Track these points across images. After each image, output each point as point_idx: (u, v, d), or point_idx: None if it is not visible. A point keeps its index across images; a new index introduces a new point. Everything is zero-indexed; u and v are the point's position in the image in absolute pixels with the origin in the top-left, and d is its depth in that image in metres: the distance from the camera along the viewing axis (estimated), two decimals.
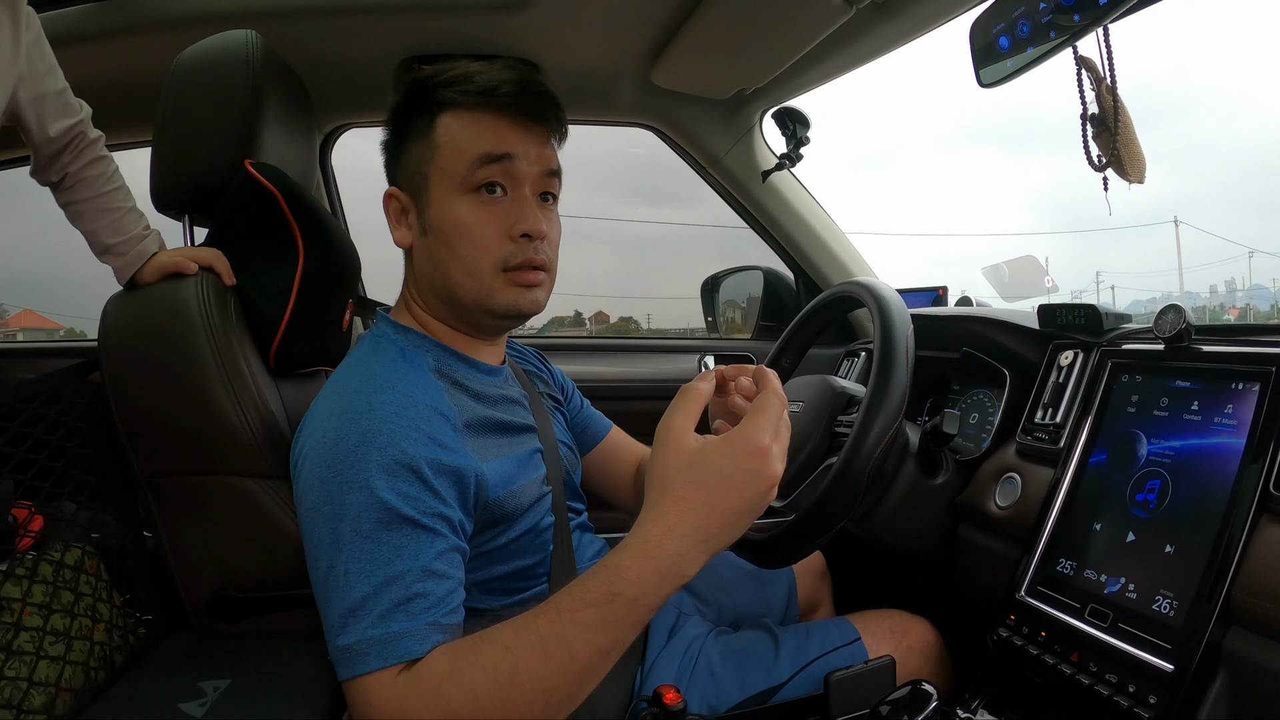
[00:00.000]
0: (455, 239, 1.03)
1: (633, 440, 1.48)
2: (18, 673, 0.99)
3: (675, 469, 0.80)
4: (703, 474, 0.79)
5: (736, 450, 0.79)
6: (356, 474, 0.87)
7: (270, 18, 1.59)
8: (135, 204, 1.22)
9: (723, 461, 0.79)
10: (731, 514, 0.79)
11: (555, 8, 1.58)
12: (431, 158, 1.04)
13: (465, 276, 1.04)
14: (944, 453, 1.40)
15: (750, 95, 1.96)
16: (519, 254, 1.03)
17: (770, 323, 2.43)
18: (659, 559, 0.78)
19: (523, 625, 0.80)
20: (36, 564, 1.08)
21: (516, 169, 1.03)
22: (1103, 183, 1.14)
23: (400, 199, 1.08)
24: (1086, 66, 1.12)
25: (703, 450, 0.80)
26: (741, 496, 0.79)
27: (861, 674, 0.98)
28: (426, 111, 1.05)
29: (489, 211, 1.03)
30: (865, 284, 1.39)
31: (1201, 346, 1.10)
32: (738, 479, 0.79)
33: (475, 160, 1.02)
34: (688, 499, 0.78)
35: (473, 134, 1.03)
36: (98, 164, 1.20)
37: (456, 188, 1.03)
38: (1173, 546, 1.00)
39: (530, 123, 1.05)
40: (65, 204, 1.20)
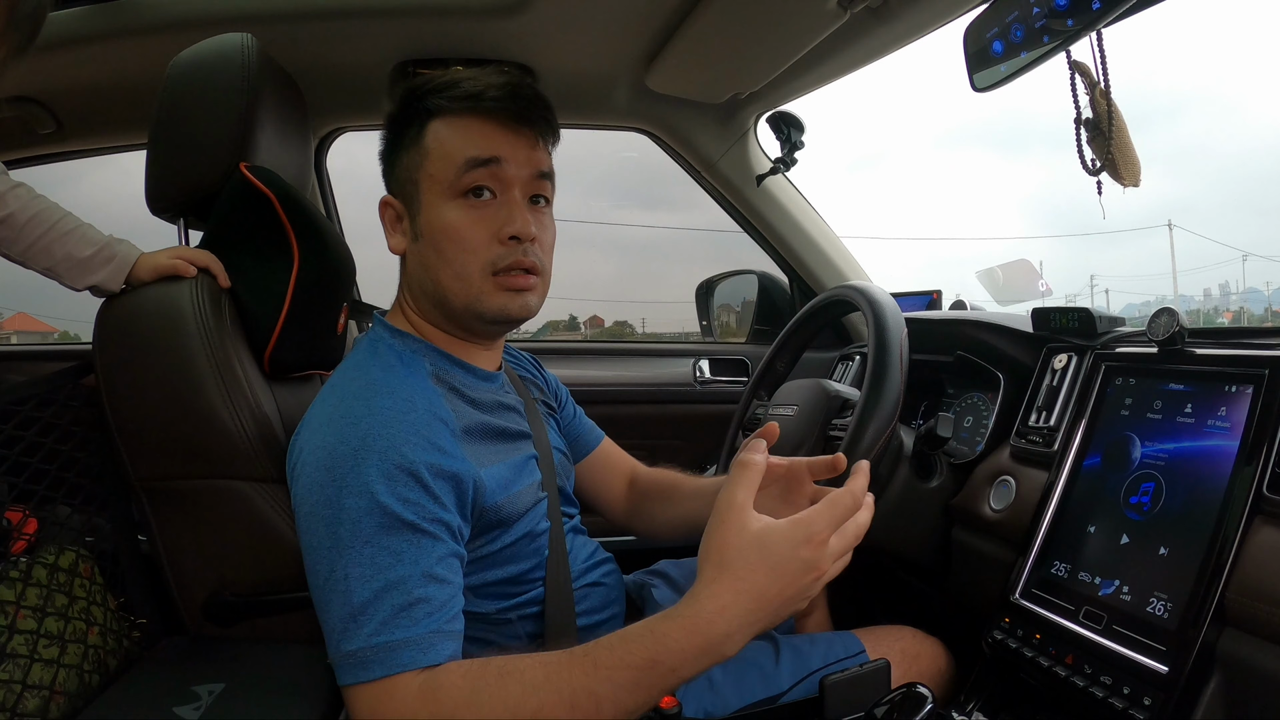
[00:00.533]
0: (444, 243, 1.03)
1: (623, 452, 1.49)
2: (11, 675, 0.98)
3: (735, 548, 0.80)
4: (762, 557, 0.79)
5: (797, 537, 0.79)
6: (356, 478, 0.87)
7: (266, 21, 1.59)
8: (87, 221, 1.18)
9: (782, 546, 0.79)
10: (780, 599, 0.79)
11: (550, 12, 1.59)
12: (421, 164, 1.04)
13: (454, 280, 1.04)
14: (938, 456, 1.41)
15: (745, 99, 1.96)
16: (507, 256, 1.03)
17: (765, 327, 2.44)
18: (707, 636, 0.78)
19: (555, 670, 0.80)
20: (30, 567, 1.08)
21: (504, 172, 1.03)
22: (1097, 186, 1.14)
23: (394, 206, 1.09)
24: (1080, 71, 1.12)
25: (764, 533, 0.80)
26: (792, 584, 0.79)
27: (857, 677, 0.98)
28: (417, 119, 1.05)
29: (477, 215, 1.03)
30: (859, 288, 1.39)
31: (1195, 349, 1.11)
32: (792, 566, 0.79)
33: (462, 164, 1.01)
34: (745, 581, 0.79)
35: (460, 139, 1.03)
36: (36, 199, 1.15)
37: (445, 193, 1.03)
38: (1167, 549, 1.01)
39: (519, 126, 1.05)
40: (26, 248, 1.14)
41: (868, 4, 1.39)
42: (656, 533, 1.38)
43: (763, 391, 1.63)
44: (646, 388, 2.26)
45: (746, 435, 1.60)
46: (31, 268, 1.16)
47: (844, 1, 1.38)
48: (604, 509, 1.44)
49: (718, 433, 1.74)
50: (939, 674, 1.28)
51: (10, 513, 1.12)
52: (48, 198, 1.16)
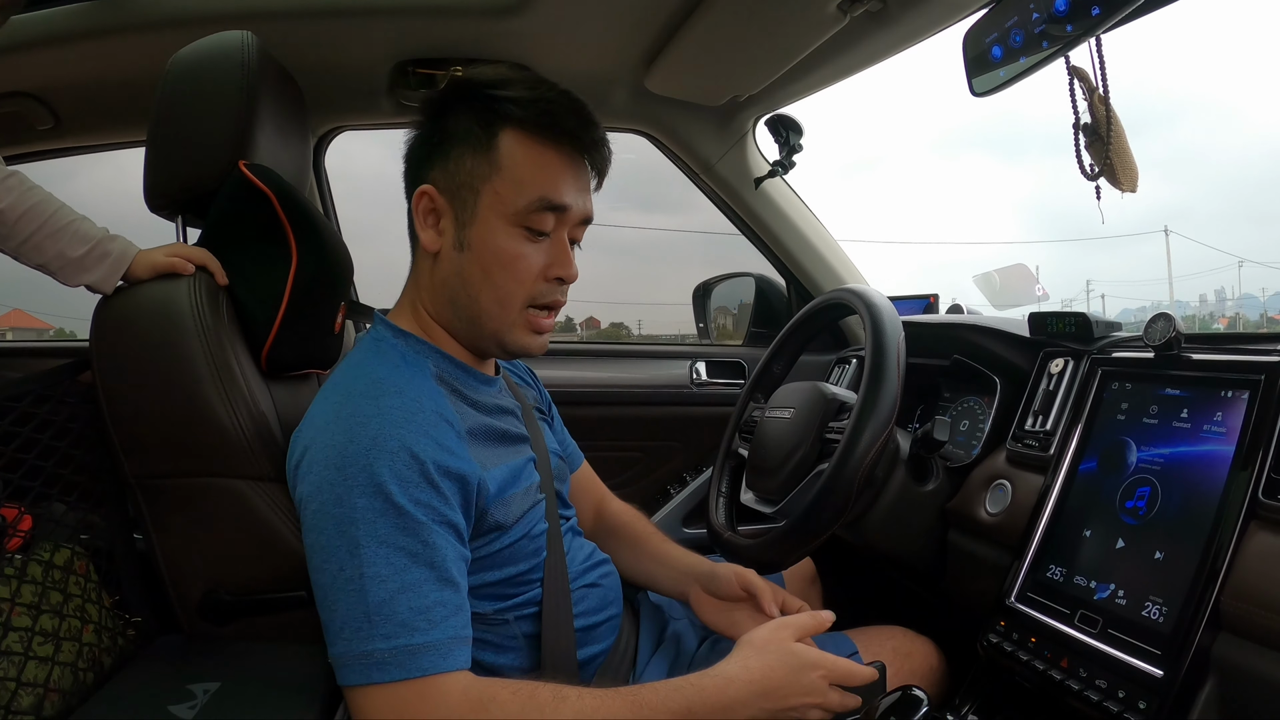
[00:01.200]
0: (495, 267, 1.02)
1: (597, 478, 1.49)
2: (5, 673, 0.98)
3: (774, 648, 0.97)
4: (789, 663, 0.95)
5: (815, 663, 0.96)
6: (368, 477, 0.87)
7: (265, 19, 1.58)
8: (82, 215, 1.16)
9: (803, 663, 0.96)
10: (783, 701, 0.94)
11: (550, 13, 1.59)
12: (489, 177, 1.01)
13: (495, 305, 1.04)
14: (934, 459, 1.41)
15: (744, 102, 1.96)
16: (547, 294, 1.05)
17: (762, 329, 2.44)
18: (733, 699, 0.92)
19: (603, 702, 0.89)
20: (25, 564, 1.07)
21: (566, 218, 1.04)
22: (1095, 192, 1.15)
23: (435, 200, 1.05)
24: (1079, 76, 1.13)
25: (797, 649, 0.97)
26: (796, 692, 0.95)
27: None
28: (486, 121, 1.02)
29: (532, 249, 1.03)
30: (857, 291, 1.39)
31: (1191, 355, 1.11)
32: (803, 679, 0.95)
33: (535, 201, 1.01)
34: (772, 670, 0.95)
35: (536, 170, 1.01)
36: (32, 192, 1.12)
37: (508, 217, 1.01)
38: (1162, 553, 1.01)
39: (584, 164, 1.06)
40: (19, 244, 1.12)
41: (868, 8, 1.39)
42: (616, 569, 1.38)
43: (759, 394, 1.63)
44: (643, 389, 2.25)
45: (743, 438, 1.60)
46: (25, 264, 1.15)
47: (844, 5, 1.38)
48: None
49: (714, 435, 1.75)
50: (931, 672, 1.29)
51: (5, 509, 1.11)
52: (43, 190, 1.13)
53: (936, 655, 1.32)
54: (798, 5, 1.41)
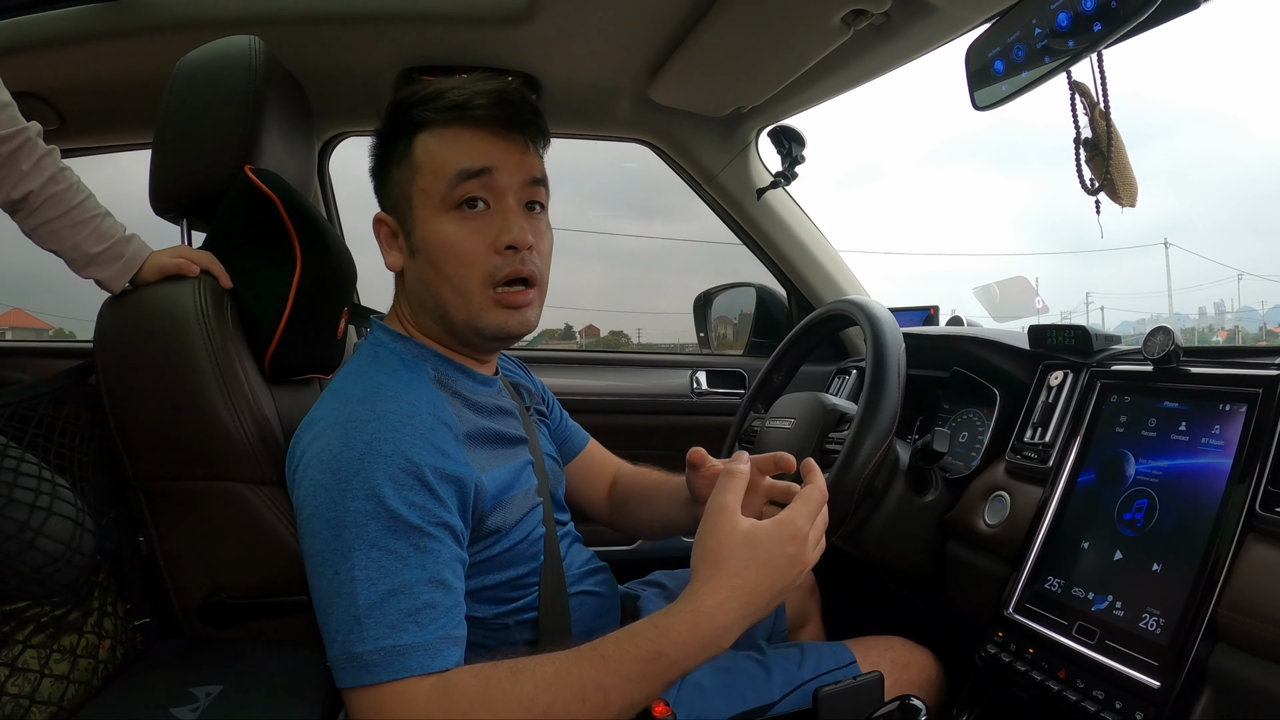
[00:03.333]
0: (441, 258, 1.02)
1: (608, 452, 1.49)
2: (20, 690, 0.98)
3: (729, 548, 0.87)
4: (753, 554, 0.87)
5: (783, 534, 0.88)
6: (363, 481, 0.87)
7: (272, 24, 1.60)
8: (107, 210, 1.17)
9: (770, 544, 0.87)
10: (770, 593, 0.87)
11: (556, 22, 1.60)
12: (413, 179, 1.03)
13: (454, 295, 1.03)
14: (934, 471, 1.41)
15: (747, 113, 1.97)
16: (504, 266, 1.02)
17: (762, 339, 2.44)
18: (708, 629, 0.84)
19: (565, 665, 0.84)
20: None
21: (497, 181, 1.02)
22: (1095, 206, 1.16)
23: (389, 223, 1.08)
24: (1080, 91, 1.13)
25: (753, 532, 0.88)
26: (780, 578, 0.88)
27: (851, 689, 0.98)
28: (405, 133, 1.05)
29: (472, 226, 1.02)
30: (858, 302, 1.40)
31: (1190, 368, 1.12)
32: (780, 561, 0.87)
33: (454, 177, 1.01)
34: (740, 576, 0.86)
35: (450, 151, 1.02)
36: (61, 177, 1.13)
37: (438, 207, 1.02)
38: (1160, 565, 1.01)
39: (508, 132, 1.04)
40: (36, 226, 1.13)
41: (871, 22, 1.40)
42: (637, 532, 1.42)
43: (759, 404, 1.64)
44: (643, 398, 2.26)
45: (743, 447, 1.61)
46: (39, 246, 1.15)
47: (848, 19, 1.40)
48: (588, 509, 1.44)
49: (714, 444, 1.74)
50: (929, 682, 1.29)
51: None
52: (75, 176, 1.14)
53: (935, 666, 1.32)
54: (802, 18, 1.42)
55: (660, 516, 1.33)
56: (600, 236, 63.45)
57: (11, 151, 1.08)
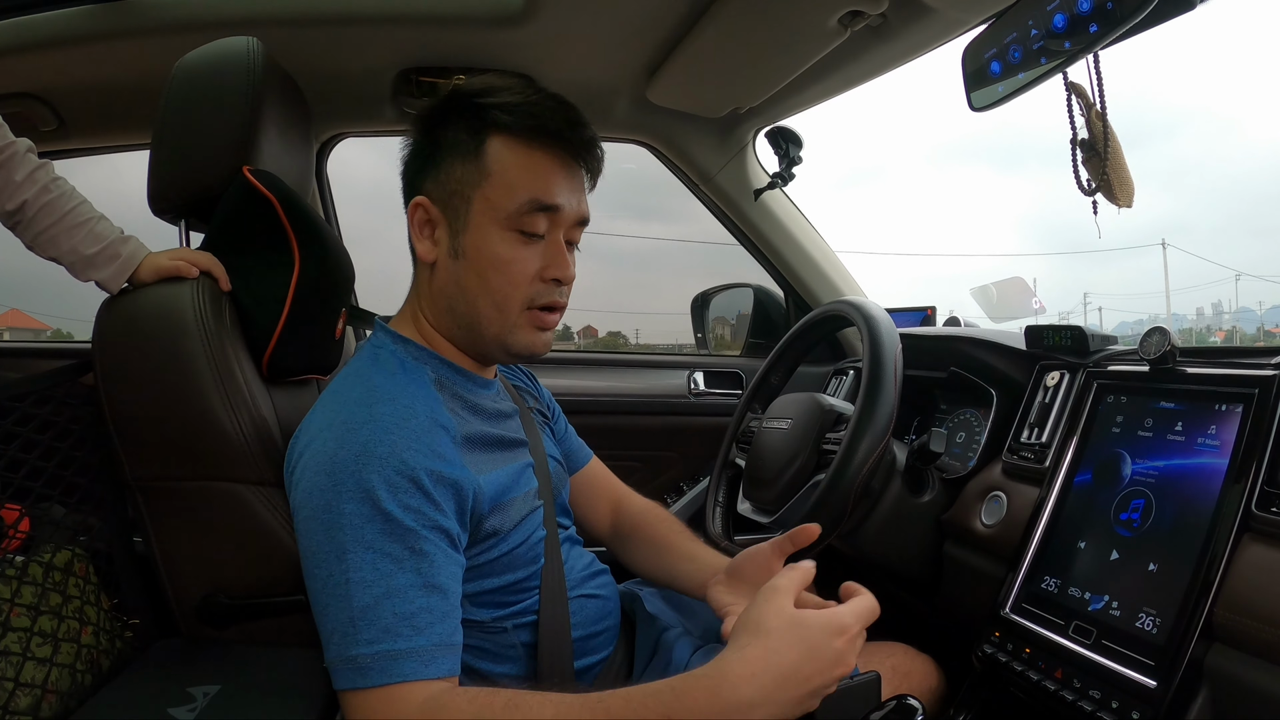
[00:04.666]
0: (490, 272, 1.02)
1: (610, 474, 1.48)
2: (3, 673, 0.98)
3: (775, 622, 0.80)
4: (799, 636, 0.79)
5: (832, 627, 0.81)
6: (358, 484, 0.87)
7: (271, 25, 1.60)
8: (102, 214, 1.18)
9: (818, 633, 0.80)
10: (807, 686, 0.79)
11: (553, 23, 1.60)
12: (479, 183, 1.02)
13: (493, 309, 1.04)
14: (930, 471, 1.42)
15: (744, 114, 1.97)
16: (544, 295, 1.05)
17: (760, 340, 2.45)
18: (730, 701, 0.77)
19: (564, 711, 0.80)
20: (26, 565, 1.08)
21: (559, 219, 1.04)
22: (1092, 207, 1.16)
23: (429, 211, 1.06)
24: (1077, 92, 1.13)
25: (803, 617, 0.81)
26: (821, 671, 0.79)
27: (847, 689, 0.98)
28: (474, 129, 1.03)
29: (527, 251, 1.03)
30: (855, 303, 1.40)
31: (1186, 368, 1.12)
32: (826, 653, 0.80)
33: (526, 203, 1.01)
34: (778, 654, 0.78)
35: (526, 174, 1.02)
36: (54, 186, 1.14)
37: (500, 222, 1.02)
38: (1156, 565, 1.02)
39: (574, 164, 1.06)
40: (35, 236, 1.15)
41: (868, 23, 1.40)
42: (633, 569, 1.37)
43: (757, 404, 1.64)
44: (640, 399, 2.26)
45: (740, 448, 1.61)
46: (39, 255, 1.17)
47: (844, 19, 1.40)
48: (588, 526, 1.42)
49: (711, 445, 1.75)
50: (930, 691, 1.29)
51: (6, 511, 1.11)
52: (68, 184, 1.16)
53: (936, 674, 1.32)
54: (799, 19, 1.42)
55: (671, 574, 1.29)
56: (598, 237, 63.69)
57: (2, 164, 1.10)
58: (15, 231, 1.15)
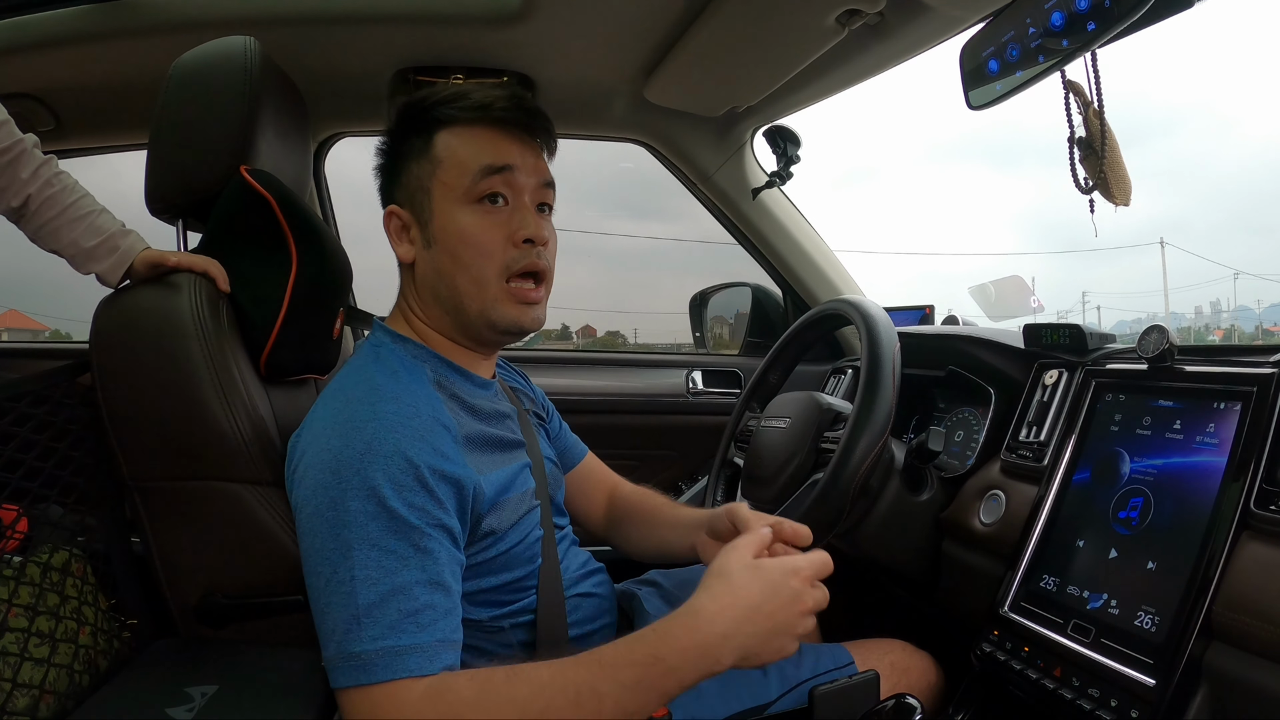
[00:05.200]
0: (460, 248, 1.05)
1: (605, 467, 1.49)
2: (1, 674, 0.98)
3: (736, 567, 0.89)
4: (757, 576, 0.88)
5: (786, 568, 0.89)
6: (362, 482, 0.88)
7: (268, 25, 1.60)
8: (104, 207, 1.20)
9: (775, 573, 0.89)
10: (770, 620, 0.87)
11: (551, 23, 1.60)
12: (433, 173, 1.06)
13: (471, 285, 1.05)
14: (929, 470, 1.42)
15: (742, 113, 1.97)
16: (521, 259, 1.06)
17: (758, 339, 2.45)
18: (706, 634, 0.84)
19: (561, 670, 0.84)
20: (24, 566, 1.08)
21: (516, 179, 1.06)
22: (1089, 205, 1.16)
23: (401, 216, 1.10)
24: (1074, 90, 1.13)
25: (761, 561, 0.91)
26: (782, 607, 0.87)
27: (846, 687, 0.99)
28: (424, 130, 1.08)
29: (492, 219, 1.05)
30: (853, 302, 1.40)
31: (1184, 366, 1.12)
32: (783, 590, 0.88)
33: (478, 171, 1.04)
34: (742, 590, 0.87)
35: (473, 148, 1.06)
36: (56, 180, 1.17)
37: (460, 199, 1.05)
38: (1155, 563, 1.01)
39: (526, 136, 1.09)
40: (38, 229, 1.17)
41: (866, 21, 1.40)
42: (631, 552, 1.39)
43: (755, 403, 1.64)
44: (639, 398, 2.26)
45: (739, 447, 1.61)
46: (42, 248, 1.19)
47: (842, 18, 1.40)
48: (583, 522, 1.44)
49: (709, 444, 1.75)
50: (929, 688, 1.29)
51: (2, 511, 1.11)
52: (71, 178, 1.18)
53: (935, 672, 1.32)
54: (796, 18, 1.43)
55: (658, 541, 1.33)
56: (597, 237, 63.03)
57: (10, 161, 1.12)
58: (19, 224, 1.18)
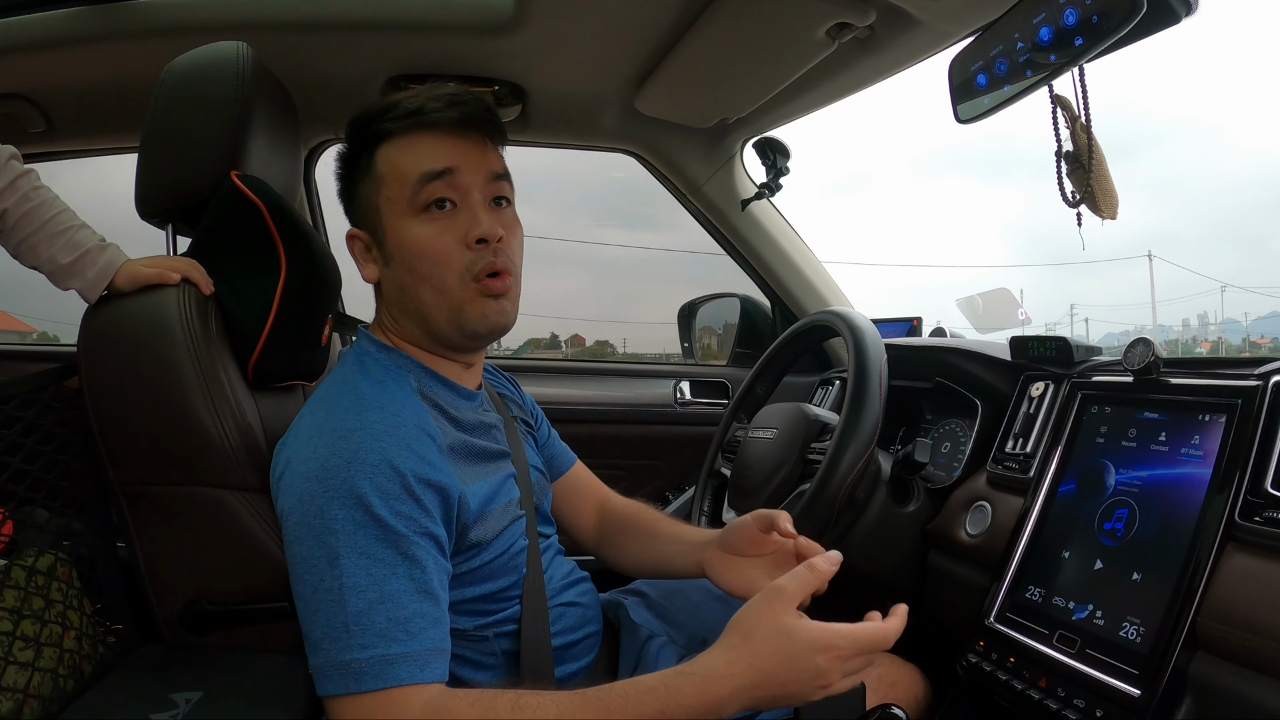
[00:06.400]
0: (416, 260, 1.03)
1: (594, 477, 1.48)
2: None
3: (764, 629, 0.84)
4: (782, 646, 0.83)
5: (819, 643, 0.83)
6: (349, 490, 0.88)
7: (261, 30, 1.60)
8: (83, 222, 1.18)
9: (803, 646, 0.83)
10: (782, 690, 0.83)
11: (543, 32, 1.60)
12: (378, 190, 1.05)
13: (434, 295, 1.04)
14: (915, 481, 1.42)
15: (732, 124, 1.98)
16: (478, 261, 1.03)
17: (746, 350, 2.45)
18: (714, 695, 0.82)
19: (567, 709, 0.83)
20: (8, 569, 1.07)
21: (460, 180, 1.04)
22: (1077, 218, 1.17)
23: (361, 238, 1.10)
24: (1062, 104, 1.14)
25: (793, 628, 0.84)
26: (797, 683, 0.83)
27: (831, 698, 0.99)
28: (366, 149, 1.07)
29: (441, 225, 1.03)
30: (840, 313, 1.41)
31: (1170, 379, 1.13)
32: (806, 666, 0.83)
33: (417, 180, 1.02)
34: (762, 659, 0.83)
35: (410, 157, 1.04)
36: (35, 195, 1.14)
37: (406, 211, 1.03)
38: (1140, 574, 1.02)
39: (465, 132, 1.06)
40: (17, 244, 1.15)
41: (855, 35, 1.41)
42: (623, 566, 1.37)
43: (743, 414, 1.64)
44: (627, 408, 2.26)
45: (726, 457, 1.61)
46: (22, 264, 1.17)
47: (832, 31, 1.41)
48: (572, 532, 1.43)
49: (697, 454, 1.75)
50: (916, 701, 1.29)
51: None
52: (50, 192, 1.16)
53: (923, 685, 1.31)
54: (787, 31, 1.44)
55: (658, 556, 1.31)
56: (586, 246, 62.93)
57: None
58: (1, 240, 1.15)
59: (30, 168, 1.15)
